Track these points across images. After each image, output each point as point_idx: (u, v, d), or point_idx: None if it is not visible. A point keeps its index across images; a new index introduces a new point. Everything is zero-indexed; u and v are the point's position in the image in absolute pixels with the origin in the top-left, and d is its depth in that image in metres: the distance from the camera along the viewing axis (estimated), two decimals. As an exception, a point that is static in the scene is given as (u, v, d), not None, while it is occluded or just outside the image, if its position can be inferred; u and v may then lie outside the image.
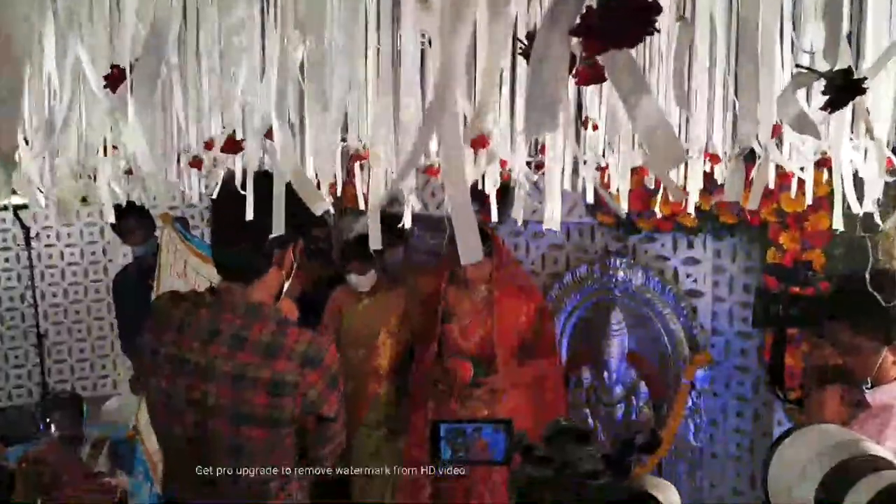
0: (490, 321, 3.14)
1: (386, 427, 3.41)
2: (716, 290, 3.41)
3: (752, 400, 3.34)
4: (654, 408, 3.48)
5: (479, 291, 3.16)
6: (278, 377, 1.60)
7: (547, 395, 3.18)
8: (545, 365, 3.20)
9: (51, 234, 5.24)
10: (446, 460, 1.32)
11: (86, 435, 3.93)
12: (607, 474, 1.19)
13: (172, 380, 1.66)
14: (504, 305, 3.12)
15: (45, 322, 5.14)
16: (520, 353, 3.18)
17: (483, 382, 3.10)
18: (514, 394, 3.10)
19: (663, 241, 3.48)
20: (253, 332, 1.63)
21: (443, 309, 3.20)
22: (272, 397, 1.61)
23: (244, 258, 1.67)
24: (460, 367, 3.10)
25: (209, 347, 1.63)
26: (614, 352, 3.52)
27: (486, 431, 1.31)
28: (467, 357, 3.13)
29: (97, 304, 5.40)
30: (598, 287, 3.63)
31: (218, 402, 1.61)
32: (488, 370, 3.10)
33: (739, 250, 3.31)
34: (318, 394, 1.65)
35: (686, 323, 3.42)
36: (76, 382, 5.32)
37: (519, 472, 1.23)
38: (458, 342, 3.19)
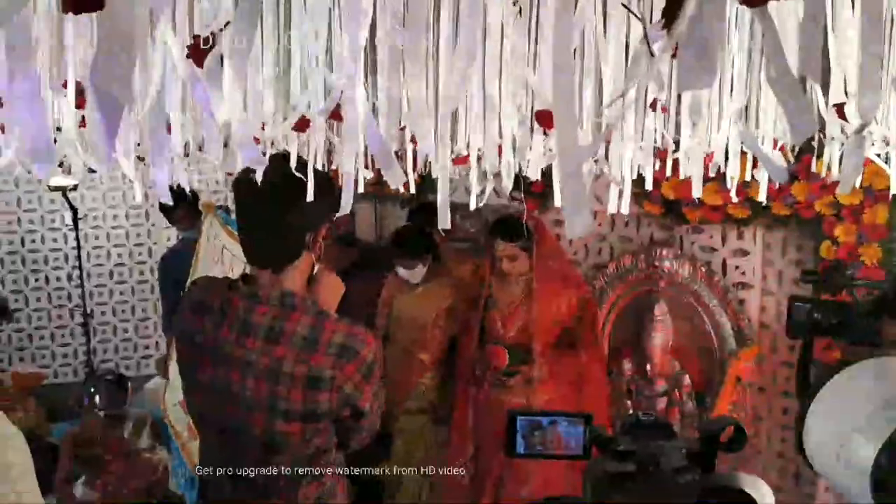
0: (530, 311, 3.10)
1: (430, 415, 3.41)
2: (765, 284, 3.32)
3: (800, 396, 3.25)
4: (697, 402, 3.41)
5: (520, 282, 3.12)
6: (315, 372, 1.56)
7: (588, 388, 3.13)
8: (587, 356, 3.14)
9: (97, 215, 5.33)
10: (522, 454, 1.29)
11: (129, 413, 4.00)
12: (693, 470, 1.14)
13: (208, 370, 1.63)
14: (544, 295, 3.08)
15: (91, 302, 5.24)
16: (560, 343, 3.14)
17: (518, 370, 3.08)
18: (553, 384, 3.06)
19: (711, 232, 3.40)
20: (289, 324, 1.58)
21: (485, 297, 3.18)
22: (309, 391, 1.57)
23: (277, 246, 1.63)
24: (495, 353, 3.10)
25: (245, 340, 1.59)
26: (657, 344, 3.47)
27: (561, 424, 1.28)
28: (504, 345, 3.10)
29: (141, 286, 5.49)
30: (642, 278, 3.57)
31: (254, 395, 1.58)
32: (525, 359, 3.07)
33: (790, 243, 3.22)
34: (355, 386, 1.61)
35: (733, 316, 3.34)
36: (120, 362, 5.43)
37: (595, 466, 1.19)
38: (498, 330, 3.17)
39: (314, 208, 1.53)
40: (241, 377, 1.59)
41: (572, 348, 3.12)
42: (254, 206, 1.62)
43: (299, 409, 1.58)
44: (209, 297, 1.67)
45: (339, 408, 1.62)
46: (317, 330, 1.58)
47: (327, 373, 1.57)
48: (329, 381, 1.57)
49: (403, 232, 3.52)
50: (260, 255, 1.66)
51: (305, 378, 1.56)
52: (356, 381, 1.60)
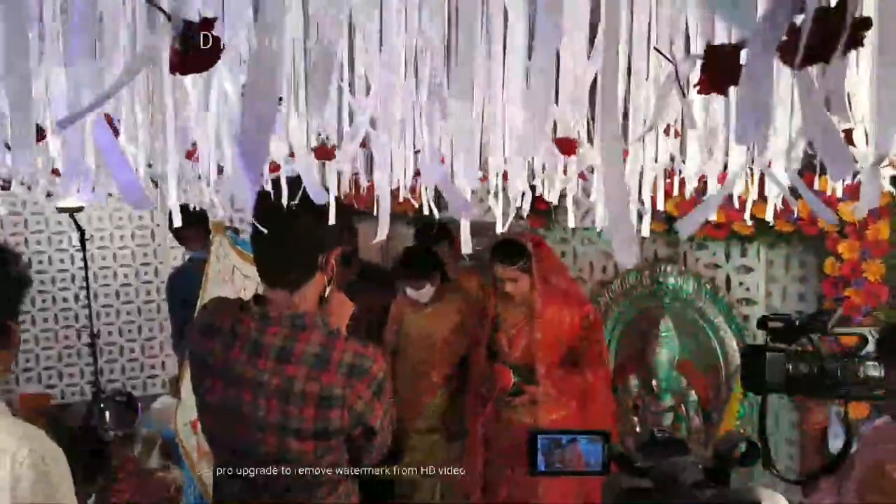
0: (534, 331, 3.12)
1: (440, 433, 3.43)
2: (769, 300, 3.36)
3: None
4: (704, 417, 3.44)
5: (524, 303, 3.14)
6: (326, 391, 1.59)
7: (593, 406, 3.13)
8: (592, 375, 3.13)
9: (104, 235, 5.37)
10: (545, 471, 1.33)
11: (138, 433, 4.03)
12: (710, 485, 1.17)
13: (220, 390, 1.66)
14: (548, 316, 3.10)
15: (98, 322, 5.26)
16: (566, 362, 3.15)
17: (523, 390, 3.08)
18: (559, 403, 3.07)
19: (715, 249, 3.44)
20: (299, 343, 1.62)
21: (493, 318, 3.21)
22: (320, 410, 1.60)
23: (291, 265, 1.66)
24: (501, 373, 3.10)
25: (257, 360, 1.62)
26: (663, 360, 3.50)
27: (581, 442, 1.32)
28: (510, 365, 3.12)
29: (148, 306, 5.51)
30: (647, 294, 3.61)
31: (266, 415, 1.61)
32: (530, 379, 3.08)
33: (794, 259, 3.26)
34: (366, 405, 1.64)
35: (738, 332, 3.38)
36: (126, 382, 5.44)
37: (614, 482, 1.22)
38: (504, 350, 3.19)
39: (327, 230, 1.58)
40: (252, 397, 1.62)
41: (578, 367, 3.12)
42: (271, 225, 1.64)
43: (311, 428, 1.60)
44: (220, 318, 1.70)
45: (350, 426, 1.64)
46: (328, 349, 1.62)
47: (338, 391, 1.59)
48: (340, 399, 1.60)
49: (411, 252, 3.55)
50: (274, 275, 1.69)
51: (317, 397, 1.59)
52: (367, 399, 1.63)
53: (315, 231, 1.52)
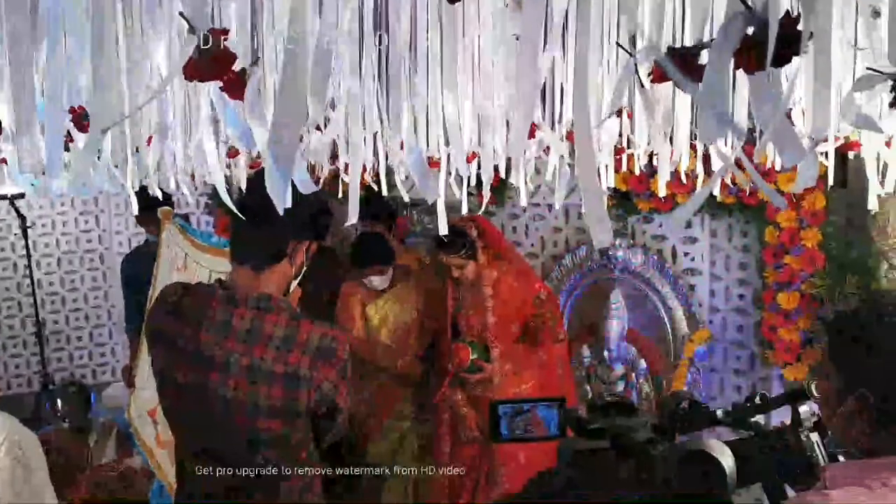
0: (488, 311, 3.14)
1: (413, 420, 3.42)
2: (713, 269, 3.49)
3: (750, 375, 3.44)
4: (653, 384, 3.57)
5: (475, 285, 3.16)
6: (293, 370, 1.63)
7: (552, 380, 3.19)
8: (547, 352, 3.18)
9: (46, 222, 5.23)
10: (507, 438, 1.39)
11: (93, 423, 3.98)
12: (661, 441, 1.25)
13: (187, 372, 1.68)
14: (499, 296, 3.12)
15: (43, 311, 5.15)
16: (524, 339, 3.18)
17: (482, 367, 3.10)
18: (519, 378, 3.11)
19: (661, 221, 3.55)
20: (266, 325, 1.65)
21: (453, 299, 3.24)
22: (288, 390, 1.64)
23: (261, 243, 1.69)
24: (458, 351, 3.12)
25: (225, 341, 1.65)
26: (614, 330, 3.60)
27: (539, 408, 1.38)
28: (468, 343, 3.14)
29: (94, 292, 5.41)
30: (597, 267, 3.70)
31: (235, 395, 1.64)
32: (487, 357, 3.12)
33: (736, 229, 3.39)
34: (332, 385, 1.68)
35: (684, 301, 3.50)
36: (75, 370, 5.35)
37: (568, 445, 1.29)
38: (464, 330, 3.22)
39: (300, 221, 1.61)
40: (221, 377, 1.65)
41: (536, 343, 3.15)
42: (250, 203, 1.65)
43: (280, 407, 1.64)
44: (186, 301, 1.72)
45: (317, 405, 1.69)
46: (294, 331, 1.65)
47: (305, 372, 1.64)
48: (308, 379, 1.64)
49: (367, 239, 3.43)
50: (244, 251, 1.72)
51: (285, 377, 1.63)
52: (333, 379, 1.68)
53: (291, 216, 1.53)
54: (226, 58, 0.55)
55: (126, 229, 5.39)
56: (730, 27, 0.54)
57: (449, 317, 3.24)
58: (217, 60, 0.55)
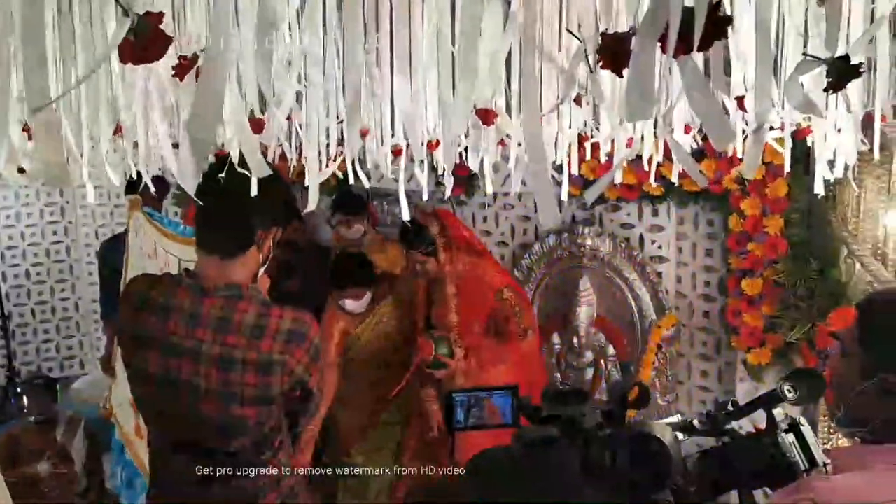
0: (452, 305, 3.10)
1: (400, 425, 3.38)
2: (679, 256, 3.53)
3: (716, 360, 3.49)
4: (622, 370, 3.61)
5: (438, 280, 3.12)
6: (265, 357, 1.65)
7: (523, 374, 3.15)
8: (519, 345, 3.11)
9: (10, 214, 5.15)
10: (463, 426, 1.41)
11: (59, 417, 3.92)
12: (608, 426, 1.29)
13: (160, 364, 1.68)
14: (462, 290, 3.09)
15: (8, 304, 5.08)
16: (490, 333, 3.13)
17: (445, 363, 3.02)
18: (490, 373, 3.03)
19: (629, 209, 3.59)
20: (236, 313, 1.66)
21: (422, 293, 3.23)
22: (261, 376, 1.66)
23: (229, 232, 1.70)
24: (422, 346, 3.06)
25: (195, 331, 1.66)
26: (583, 318, 3.64)
27: (494, 397, 1.40)
28: (435, 338, 3.08)
29: (61, 284, 5.35)
30: (566, 255, 3.73)
31: (208, 384, 1.65)
32: (451, 352, 3.04)
33: (702, 217, 3.44)
34: (304, 368, 1.71)
35: (651, 288, 3.54)
36: (42, 364, 5.29)
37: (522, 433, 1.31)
38: (436, 324, 3.19)
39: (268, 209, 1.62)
40: (193, 366, 1.65)
41: (502, 339, 3.10)
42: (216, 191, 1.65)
43: (253, 394, 1.66)
44: (153, 292, 1.72)
45: (290, 389, 1.71)
46: (264, 317, 1.67)
47: (278, 357, 1.66)
48: (280, 364, 1.66)
49: (344, 261, 3.32)
50: (211, 240, 1.72)
51: (257, 363, 1.65)
52: (305, 363, 1.70)
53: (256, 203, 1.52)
54: (162, 40, 0.56)
55: (93, 221, 5.33)
56: (656, 12, 0.56)
57: (421, 311, 3.23)
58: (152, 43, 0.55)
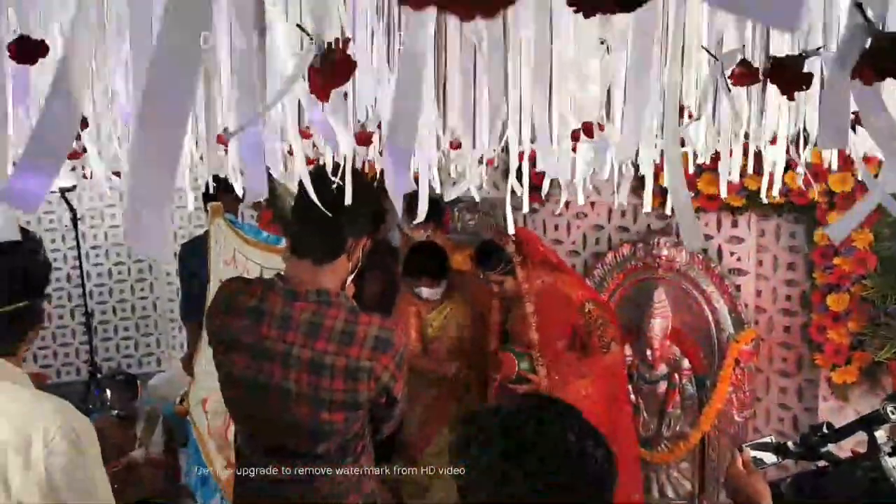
0: (533, 322, 3.09)
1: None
2: (759, 269, 3.44)
3: (796, 376, 3.39)
4: (697, 384, 3.53)
5: (516, 298, 3.11)
6: (354, 363, 1.67)
7: (610, 383, 3.11)
8: (602, 359, 3.07)
9: (95, 215, 5.35)
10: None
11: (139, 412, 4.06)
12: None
13: (251, 367, 1.72)
14: (542, 308, 3.07)
15: (91, 301, 5.27)
16: (574, 348, 3.10)
17: (528, 378, 3.03)
18: (572, 387, 2.99)
19: (707, 219, 3.51)
20: (327, 319, 1.69)
21: (497, 311, 3.23)
22: (349, 382, 1.68)
23: (323, 239, 1.72)
24: (504, 360, 3.08)
25: (286, 335, 1.69)
26: (657, 330, 3.57)
27: None
28: (515, 352, 3.09)
29: (140, 284, 5.53)
30: (641, 266, 3.67)
31: (298, 388, 1.68)
32: (534, 368, 3.05)
33: (784, 230, 3.34)
34: (390, 375, 1.72)
35: (730, 301, 3.46)
36: (122, 360, 5.48)
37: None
38: (514, 339, 3.19)
39: (360, 218, 1.64)
40: (283, 371, 1.69)
41: (585, 353, 3.07)
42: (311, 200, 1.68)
43: (342, 399, 1.69)
44: (245, 296, 1.76)
45: (376, 396, 1.73)
46: (353, 324, 1.69)
47: (366, 364, 1.67)
48: (368, 371, 1.68)
49: (420, 250, 3.38)
50: (305, 246, 1.74)
51: (346, 369, 1.67)
52: (392, 370, 1.72)
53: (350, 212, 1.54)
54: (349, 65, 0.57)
55: (173, 222, 5.49)
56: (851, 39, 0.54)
57: (495, 328, 3.22)
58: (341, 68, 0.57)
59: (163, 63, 0.43)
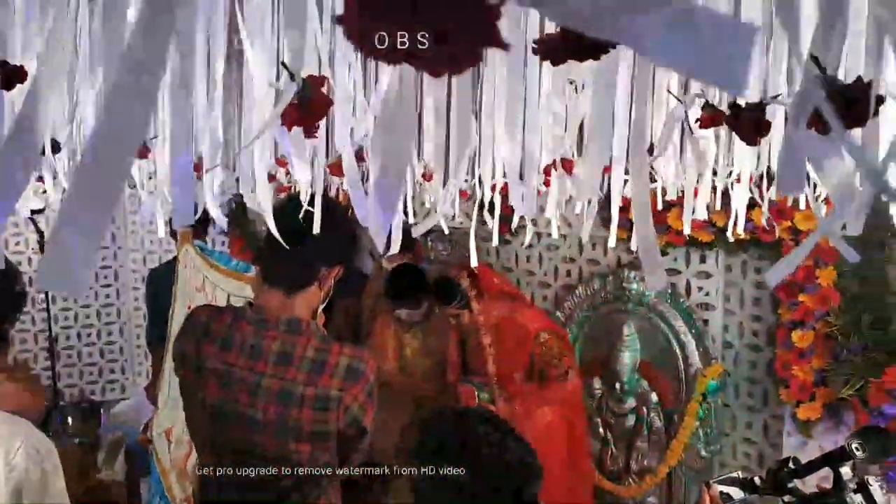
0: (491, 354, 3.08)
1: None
2: (727, 304, 3.49)
3: (762, 411, 3.42)
4: (665, 418, 3.55)
5: (473, 331, 3.11)
6: (323, 392, 1.66)
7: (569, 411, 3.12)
8: (560, 388, 3.10)
9: (62, 238, 5.28)
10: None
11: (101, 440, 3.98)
12: None
13: (216, 393, 1.70)
14: (501, 339, 3.08)
15: (56, 326, 5.17)
16: (535, 377, 3.10)
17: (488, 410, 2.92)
18: (536, 416, 3.02)
19: (676, 254, 3.56)
20: (297, 348, 1.68)
21: (455, 343, 3.23)
22: (318, 412, 1.66)
23: (294, 268, 1.72)
24: (463, 392, 3.08)
25: (255, 364, 1.68)
26: (626, 363, 3.59)
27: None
28: (474, 383, 3.10)
29: (107, 309, 5.44)
30: (611, 299, 3.71)
31: (265, 417, 1.67)
32: (492, 399, 3.05)
33: (751, 266, 3.39)
34: (360, 406, 1.71)
35: (698, 336, 3.49)
36: (85, 387, 5.36)
37: None
38: (472, 371, 3.19)
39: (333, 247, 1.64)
40: (250, 399, 1.67)
41: (544, 382, 3.08)
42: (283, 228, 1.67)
43: (310, 430, 1.67)
44: (215, 323, 1.74)
45: (345, 427, 1.71)
46: (324, 353, 1.68)
47: (335, 393, 1.66)
48: (337, 401, 1.66)
49: (402, 273, 3.32)
50: (276, 275, 1.74)
51: (315, 399, 1.66)
52: (361, 401, 1.71)
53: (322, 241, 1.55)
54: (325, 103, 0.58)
55: (141, 247, 5.43)
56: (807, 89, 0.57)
57: (453, 360, 3.22)
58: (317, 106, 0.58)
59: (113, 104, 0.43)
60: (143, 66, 0.42)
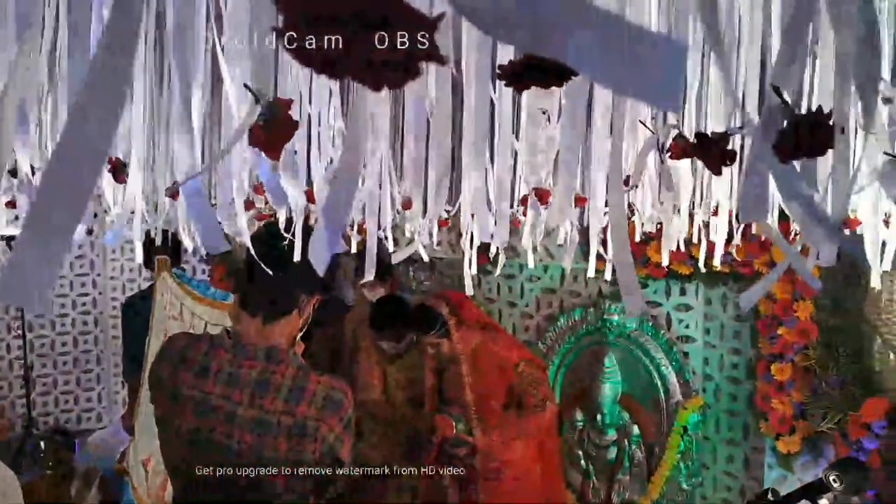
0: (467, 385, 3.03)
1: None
2: (707, 337, 3.50)
3: (742, 444, 3.41)
4: (646, 450, 3.54)
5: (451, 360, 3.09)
6: (300, 423, 1.64)
7: (546, 441, 3.11)
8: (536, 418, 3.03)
9: (41, 265, 5.22)
10: None
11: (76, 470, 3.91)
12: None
13: (193, 423, 1.68)
14: (479, 368, 3.05)
15: (31, 354, 5.10)
16: (513, 406, 3.06)
17: (466, 441, 2.99)
18: (513, 447, 2.99)
19: (656, 287, 3.57)
20: (275, 377, 1.66)
21: (431, 372, 3.21)
22: (294, 442, 1.64)
23: (273, 296, 1.71)
24: (440, 422, 3.04)
25: (232, 393, 1.66)
26: (607, 395, 3.60)
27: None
28: (451, 414, 3.06)
29: (84, 337, 5.38)
30: (592, 330, 3.71)
31: (240, 447, 1.64)
32: (470, 430, 3.01)
33: (731, 299, 3.41)
34: (336, 437, 1.69)
35: (678, 368, 3.50)
36: (60, 415, 5.28)
37: None
38: (450, 401, 3.16)
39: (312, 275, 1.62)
40: (226, 428, 1.64)
41: (522, 412, 3.04)
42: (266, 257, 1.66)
43: (284, 458, 1.64)
44: (192, 350, 1.72)
45: (321, 457, 1.68)
46: (302, 382, 1.66)
47: (312, 423, 1.64)
48: (313, 431, 1.64)
49: (386, 305, 3.32)
50: (255, 303, 1.72)
51: (291, 428, 1.63)
52: (338, 431, 1.68)
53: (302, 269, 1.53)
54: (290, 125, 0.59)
55: (120, 274, 5.39)
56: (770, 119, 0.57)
57: (430, 390, 3.19)
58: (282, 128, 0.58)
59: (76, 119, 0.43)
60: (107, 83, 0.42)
